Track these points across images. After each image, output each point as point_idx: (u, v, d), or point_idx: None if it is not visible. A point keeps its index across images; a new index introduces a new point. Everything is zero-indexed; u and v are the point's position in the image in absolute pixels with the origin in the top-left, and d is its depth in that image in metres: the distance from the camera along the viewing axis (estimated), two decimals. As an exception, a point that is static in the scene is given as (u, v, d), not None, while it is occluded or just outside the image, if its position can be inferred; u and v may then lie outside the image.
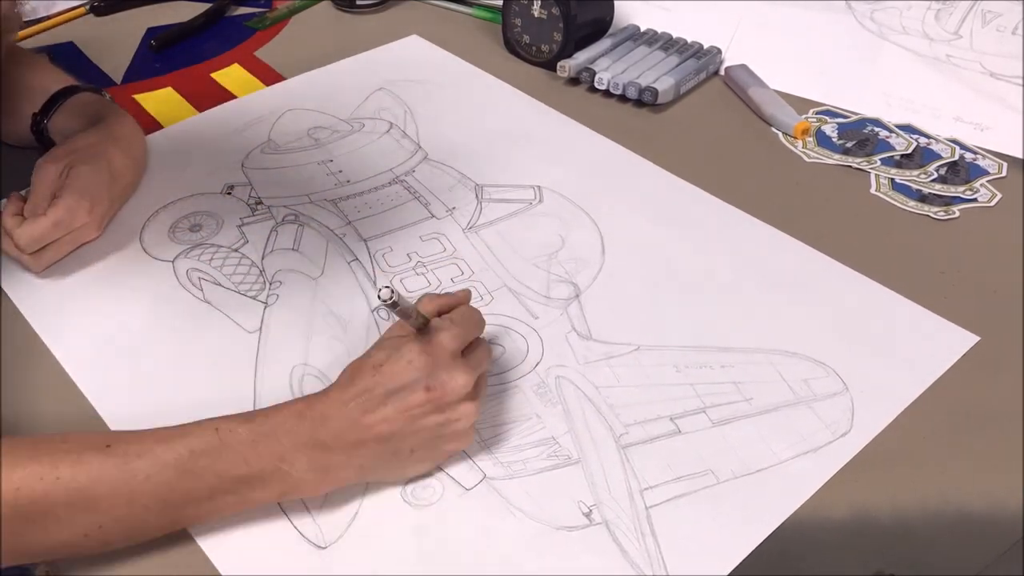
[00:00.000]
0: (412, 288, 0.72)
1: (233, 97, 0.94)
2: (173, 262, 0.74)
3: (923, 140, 0.86)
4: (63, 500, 0.50)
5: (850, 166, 0.84)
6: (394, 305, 0.52)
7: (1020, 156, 0.84)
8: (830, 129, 0.88)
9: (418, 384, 0.54)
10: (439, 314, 0.58)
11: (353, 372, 0.56)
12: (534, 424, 0.62)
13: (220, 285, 0.72)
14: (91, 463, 0.51)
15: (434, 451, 0.57)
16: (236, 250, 0.75)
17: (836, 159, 0.84)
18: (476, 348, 0.59)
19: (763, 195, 0.80)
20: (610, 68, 0.93)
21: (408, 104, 0.92)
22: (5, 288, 0.72)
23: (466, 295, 0.62)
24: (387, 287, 0.51)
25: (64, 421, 0.62)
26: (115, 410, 0.63)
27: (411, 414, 0.54)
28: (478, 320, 0.60)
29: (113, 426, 0.62)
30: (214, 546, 0.55)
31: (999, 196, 0.80)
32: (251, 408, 0.59)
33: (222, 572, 0.54)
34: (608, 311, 0.70)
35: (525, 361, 0.66)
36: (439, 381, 0.54)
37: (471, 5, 1.08)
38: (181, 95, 0.95)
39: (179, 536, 0.55)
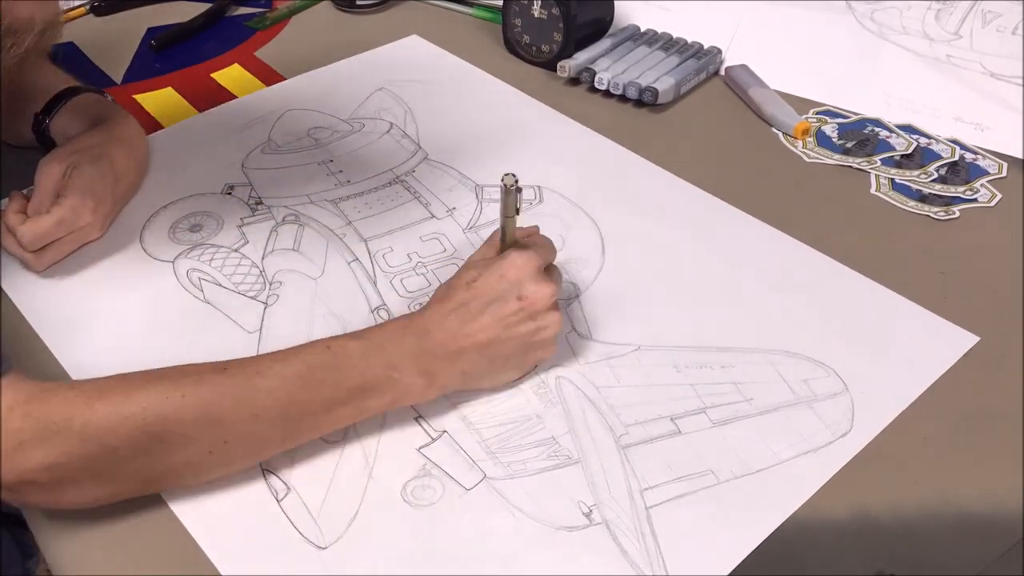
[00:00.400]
0: (412, 289, 0.72)
1: (233, 97, 0.94)
2: (173, 262, 0.74)
3: (923, 140, 0.86)
4: (190, 417, 0.53)
5: (850, 166, 0.84)
6: (519, 190, 0.58)
7: (1020, 156, 0.84)
8: (830, 129, 0.88)
9: (511, 294, 0.59)
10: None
11: (447, 289, 0.61)
12: (534, 424, 0.62)
13: (220, 285, 0.72)
14: (213, 381, 0.54)
15: (524, 358, 0.62)
16: (236, 250, 0.75)
17: (836, 159, 0.84)
18: (552, 269, 0.63)
19: (763, 195, 0.80)
20: (610, 68, 0.93)
21: (408, 104, 0.92)
22: (5, 288, 0.72)
23: (536, 229, 0.65)
24: (511, 174, 0.57)
25: (64, 421, 0.62)
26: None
27: (506, 322, 0.59)
28: (551, 245, 0.64)
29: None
30: (215, 546, 0.55)
31: (999, 196, 0.80)
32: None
33: (222, 572, 0.54)
34: (608, 311, 0.70)
35: (525, 361, 0.66)
36: (529, 291, 0.59)
37: (471, 5, 1.08)
38: (181, 95, 0.95)
39: (180, 535, 0.55)
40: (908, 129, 0.87)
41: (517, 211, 0.61)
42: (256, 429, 0.55)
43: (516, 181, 0.58)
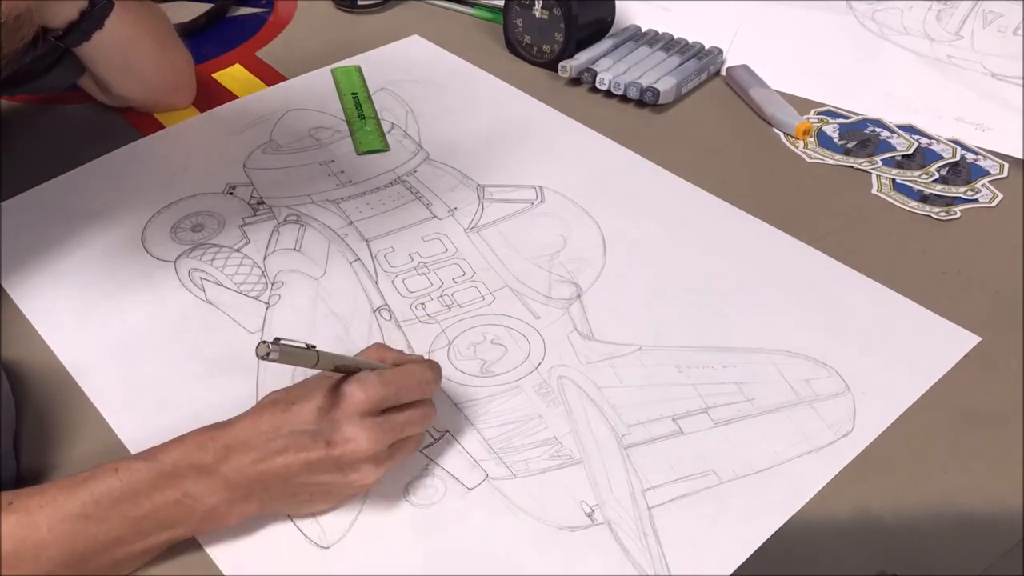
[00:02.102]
0: (414, 289, 0.72)
1: (235, 97, 0.94)
2: (175, 262, 0.74)
3: (924, 140, 0.86)
4: None
5: (851, 166, 0.84)
6: (276, 359, 0.49)
7: (1021, 156, 0.84)
8: (831, 129, 0.88)
9: (320, 436, 0.52)
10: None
11: (266, 405, 0.54)
12: (536, 424, 0.62)
13: (222, 285, 0.72)
14: None
15: (332, 497, 0.56)
16: (238, 250, 0.75)
17: (837, 159, 0.85)
18: (406, 410, 0.55)
19: (765, 195, 0.80)
20: (611, 68, 0.93)
21: (409, 104, 0.92)
22: (6, 288, 0.72)
23: (421, 361, 0.58)
24: (264, 342, 0.48)
25: (66, 420, 0.62)
26: (117, 410, 0.63)
27: (309, 465, 0.52)
28: (419, 382, 0.55)
29: (115, 426, 0.62)
30: (217, 546, 0.55)
31: (1000, 196, 0.80)
32: (251, 408, 0.59)
33: (224, 572, 0.54)
34: (610, 311, 0.70)
35: (527, 361, 0.66)
36: (343, 437, 0.52)
37: (472, 5, 1.08)
38: (182, 95, 0.95)
39: (181, 536, 0.55)
40: (909, 129, 0.87)
41: (318, 362, 0.51)
42: (40, 570, 0.49)
43: (269, 349, 0.48)
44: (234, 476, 0.52)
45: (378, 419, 0.53)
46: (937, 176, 0.82)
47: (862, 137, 0.87)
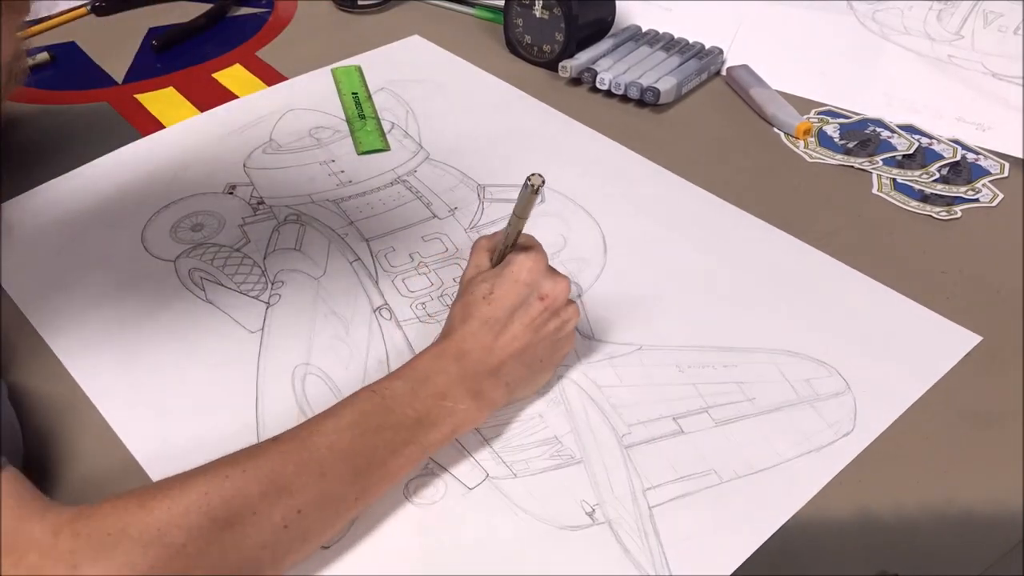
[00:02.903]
0: (414, 289, 0.72)
1: (235, 97, 0.94)
2: (175, 262, 0.74)
3: (925, 140, 0.86)
4: (256, 491, 0.48)
5: (852, 166, 0.84)
6: (537, 192, 0.56)
7: (1022, 156, 0.84)
8: (832, 129, 0.88)
9: (532, 297, 0.59)
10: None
11: (465, 308, 0.59)
12: (537, 424, 0.62)
13: (222, 285, 0.72)
14: (270, 451, 0.51)
15: (553, 356, 0.62)
16: (238, 250, 0.75)
17: (838, 159, 0.84)
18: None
19: (765, 195, 0.80)
20: (612, 68, 0.93)
21: (410, 104, 0.92)
22: (6, 288, 0.72)
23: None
24: (539, 175, 0.55)
25: (67, 420, 0.62)
26: (118, 410, 0.63)
27: (534, 324, 0.59)
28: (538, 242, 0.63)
29: (116, 426, 0.62)
30: (217, 546, 0.55)
31: (1001, 196, 0.80)
32: (253, 407, 0.61)
33: (225, 572, 0.54)
34: (610, 311, 0.70)
35: (527, 361, 0.66)
36: (547, 289, 0.59)
37: (472, 5, 1.08)
38: (183, 95, 0.95)
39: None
40: (910, 129, 0.87)
41: (517, 224, 0.59)
42: (326, 490, 0.51)
43: (543, 183, 0.56)
44: (480, 369, 0.57)
45: (553, 268, 0.61)
46: (938, 176, 0.82)
47: (862, 137, 0.87)
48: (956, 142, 0.86)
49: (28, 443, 0.61)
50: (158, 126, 0.90)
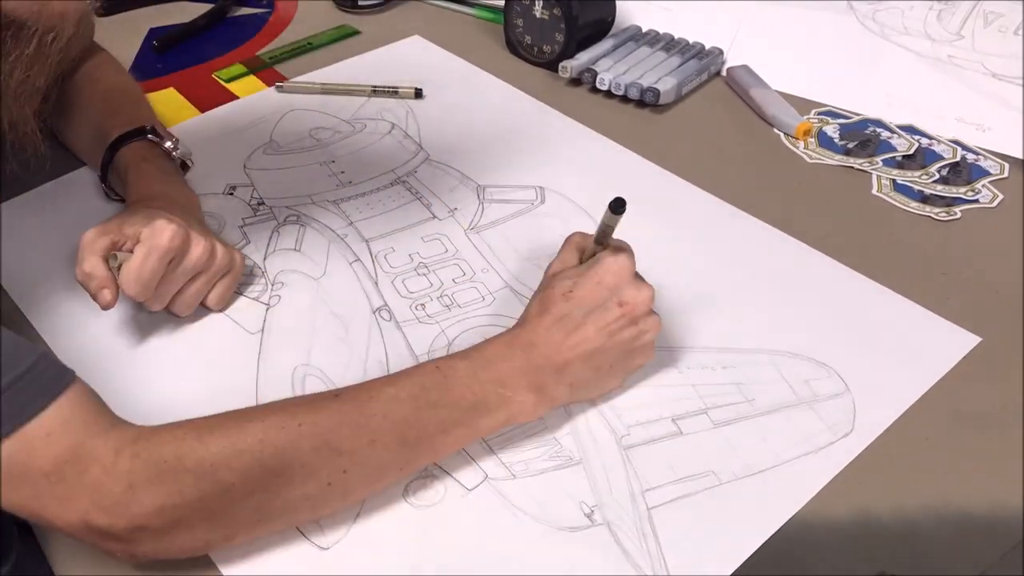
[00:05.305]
0: (414, 289, 0.72)
1: (235, 98, 0.95)
2: (175, 262, 0.74)
3: (925, 141, 0.86)
4: (308, 447, 0.51)
5: (852, 167, 0.84)
6: (620, 213, 0.57)
7: (1021, 157, 0.84)
8: (832, 130, 0.88)
9: (611, 301, 0.58)
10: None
11: (543, 302, 0.59)
12: (536, 425, 0.62)
13: (222, 286, 0.72)
14: (328, 408, 0.53)
15: (626, 364, 0.61)
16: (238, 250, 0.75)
17: (838, 160, 0.84)
18: None
19: (765, 196, 0.80)
20: (612, 69, 0.93)
21: (410, 105, 0.92)
22: (6, 287, 0.72)
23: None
24: (621, 198, 0.56)
25: (66, 421, 0.62)
26: (118, 411, 0.63)
27: (609, 330, 0.58)
28: (631, 249, 0.62)
29: (115, 426, 0.62)
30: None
31: (1001, 197, 0.80)
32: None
33: (224, 572, 0.54)
34: (610, 312, 0.70)
35: (527, 362, 0.66)
36: (628, 296, 0.59)
37: (473, 6, 1.08)
38: (183, 96, 0.95)
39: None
40: (909, 130, 0.87)
41: (605, 235, 0.60)
42: (374, 456, 0.53)
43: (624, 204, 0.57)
44: (544, 364, 0.57)
45: (639, 277, 0.60)
46: (937, 176, 0.82)
47: (862, 137, 0.87)
48: (956, 143, 0.85)
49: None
50: (158, 126, 0.90)
